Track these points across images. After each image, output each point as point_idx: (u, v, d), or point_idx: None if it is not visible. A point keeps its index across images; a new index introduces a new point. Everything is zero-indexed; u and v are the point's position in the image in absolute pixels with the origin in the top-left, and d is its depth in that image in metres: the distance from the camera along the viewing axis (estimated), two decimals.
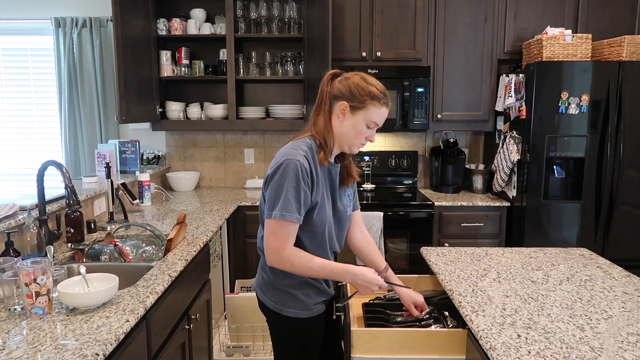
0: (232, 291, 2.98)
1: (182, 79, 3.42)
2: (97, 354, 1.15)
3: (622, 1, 3.19)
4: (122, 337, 1.28)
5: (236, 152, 3.70)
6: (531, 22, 3.22)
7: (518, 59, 3.28)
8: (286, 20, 3.28)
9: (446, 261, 1.90)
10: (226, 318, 2.70)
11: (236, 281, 2.96)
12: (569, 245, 2.91)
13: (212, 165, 3.72)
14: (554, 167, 2.90)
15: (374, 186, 3.51)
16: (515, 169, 3.02)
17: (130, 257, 2.02)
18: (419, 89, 3.20)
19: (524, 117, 2.90)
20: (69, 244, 2.05)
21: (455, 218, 3.10)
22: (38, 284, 1.33)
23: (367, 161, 3.54)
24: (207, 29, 3.33)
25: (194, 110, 3.44)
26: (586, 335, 1.26)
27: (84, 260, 2.00)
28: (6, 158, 3.79)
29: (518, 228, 2.99)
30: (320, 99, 1.54)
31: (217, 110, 3.38)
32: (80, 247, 2.04)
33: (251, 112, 3.39)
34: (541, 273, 1.75)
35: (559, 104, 2.81)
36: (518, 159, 2.97)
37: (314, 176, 1.47)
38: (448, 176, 3.42)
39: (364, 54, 3.23)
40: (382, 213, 2.98)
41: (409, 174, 3.59)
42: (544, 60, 2.88)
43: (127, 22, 2.86)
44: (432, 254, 2.00)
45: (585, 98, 2.79)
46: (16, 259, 1.54)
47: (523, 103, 2.92)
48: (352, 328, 1.55)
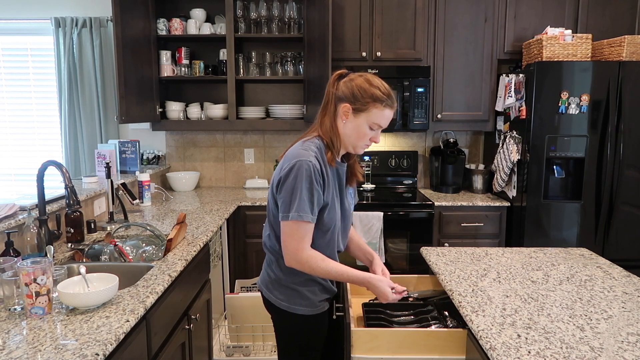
0: (232, 291, 2.98)
1: (182, 79, 3.42)
2: (97, 354, 1.15)
3: (622, 1, 3.19)
4: (122, 337, 1.28)
5: (236, 152, 3.70)
6: (531, 22, 3.22)
7: (518, 59, 3.28)
8: (286, 20, 3.28)
9: (446, 261, 1.90)
10: (226, 318, 2.70)
11: (236, 281, 2.96)
12: (569, 245, 2.91)
13: (212, 165, 3.72)
14: (554, 167, 2.90)
15: (374, 186, 3.51)
16: (515, 169, 3.02)
17: (130, 257, 2.02)
18: (419, 89, 3.20)
19: (524, 117, 2.90)
20: (69, 244, 2.05)
21: (455, 218, 3.10)
22: (38, 284, 1.33)
23: (367, 161, 3.54)
24: (207, 29, 3.33)
25: (194, 110, 3.44)
26: (586, 335, 1.26)
27: (84, 260, 2.00)
28: (6, 158, 3.79)
29: (518, 228, 2.99)
30: (326, 100, 1.55)
31: (217, 110, 3.38)
32: (80, 247, 2.04)
33: (251, 112, 3.40)
34: (541, 273, 1.75)
35: (559, 104, 2.81)
36: (518, 159, 2.97)
37: (325, 176, 1.49)
38: (448, 176, 3.42)
39: (364, 54, 3.23)
40: (382, 213, 2.98)
41: (409, 174, 3.59)
42: (544, 60, 2.88)
43: (127, 22, 2.86)
44: (432, 254, 2.00)
45: (585, 98, 2.79)
46: (16, 259, 1.54)
47: (523, 103, 2.92)
48: (352, 328, 1.56)
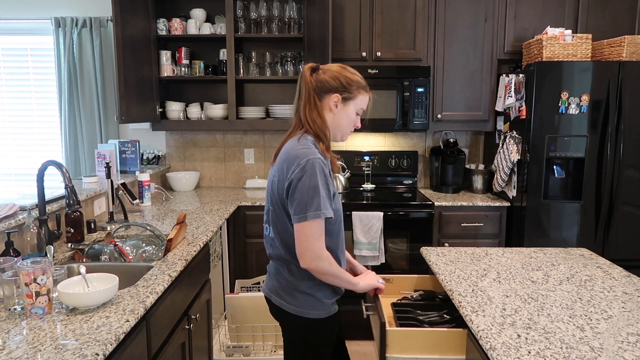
0: (232, 291, 2.98)
1: (182, 79, 3.42)
2: (97, 354, 1.15)
3: (622, 1, 3.19)
4: (122, 337, 1.28)
5: (236, 152, 3.70)
6: (531, 22, 3.22)
7: (518, 59, 3.28)
8: (286, 20, 3.28)
9: (446, 261, 1.90)
10: (226, 318, 2.70)
11: (236, 281, 2.96)
12: (569, 245, 2.91)
13: (212, 165, 3.72)
14: (554, 167, 2.90)
15: (374, 186, 3.51)
16: (515, 169, 3.02)
17: (130, 257, 2.02)
18: (419, 89, 3.20)
19: (524, 117, 2.90)
20: (69, 244, 2.05)
21: (455, 218, 3.10)
22: (38, 284, 1.33)
23: (367, 161, 3.55)
24: (207, 29, 3.33)
25: (194, 110, 3.44)
26: (586, 335, 1.26)
27: (84, 260, 2.00)
28: (6, 158, 3.79)
29: (518, 228, 2.99)
30: (307, 95, 1.54)
31: (217, 110, 3.38)
32: (80, 247, 2.04)
33: (251, 112, 3.39)
34: (541, 273, 1.75)
35: (559, 104, 2.81)
36: (518, 159, 2.97)
37: (329, 170, 1.53)
38: (448, 176, 3.42)
39: (364, 54, 3.23)
40: (382, 213, 2.98)
41: (409, 174, 3.59)
42: (544, 60, 2.88)
43: (127, 22, 2.86)
44: (432, 254, 2.00)
45: (585, 98, 2.79)
46: (16, 259, 1.54)
47: (523, 103, 2.92)
48: (387, 328, 1.55)
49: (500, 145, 3.19)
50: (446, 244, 3.09)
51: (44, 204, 1.92)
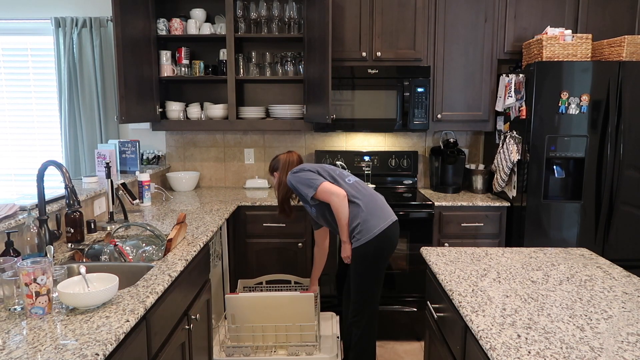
0: (232, 291, 2.98)
1: (182, 79, 3.42)
2: (97, 354, 1.15)
3: (622, 1, 3.19)
4: (122, 337, 1.28)
5: (236, 152, 3.70)
6: (531, 22, 3.22)
7: (518, 59, 3.28)
8: (286, 20, 3.28)
9: (446, 261, 1.90)
10: (226, 318, 2.70)
11: (239, 281, 2.96)
12: (569, 245, 2.91)
13: (212, 165, 3.72)
14: (554, 167, 2.90)
15: (374, 186, 3.51)
16: (515, 169, 3.02)
17: (130, 257, 2.02)
18: (419, 89, 3.20)
19: (524, 117, 2.90)
20: (69, 244, 2.05)
21: (455, 218, 3.10)
22: (38, 284, 1.33)
23: (367, 161, 3.54)
24: (207, 29, 3.33)
25: (194, 110, 3.44)
26: (586, 335, 1.26)
27: (84, 260, 2.00)
28: (6, 158, 3.79)
29: (518, 228, 2.99)
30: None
31: (217, 110, 3.38)
32: (80, 247, 2.04)
33: (251, 112, 3.39)
34: (541, 273, 1.75)
35: (559, 104, 2.81)
36: (518, 159, 2.97)
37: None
38: (448, 176, 3.42)
39: (364, 54, 3.23)
40: None
41: (409, 174, 3.59)
42: (544, 60, 2.88)
43: (127, 22, 2.86)
44: (432, 254, 2.00)
45: (585, 98, 2.79)
46: (16, 259, 1.54)
47: (523, 103, 2.92)
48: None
49: (500, 145, 3.19)
50: (446, 244, 3.09)
51: (44, 204, 1.92)
